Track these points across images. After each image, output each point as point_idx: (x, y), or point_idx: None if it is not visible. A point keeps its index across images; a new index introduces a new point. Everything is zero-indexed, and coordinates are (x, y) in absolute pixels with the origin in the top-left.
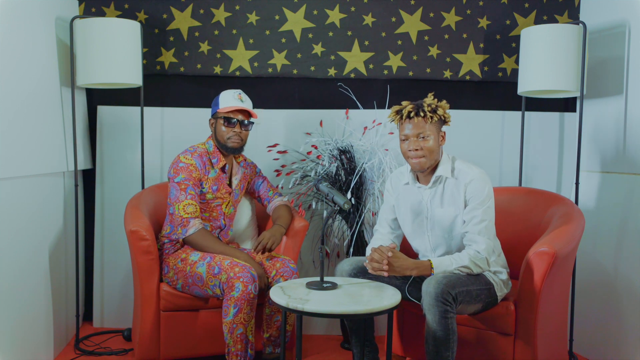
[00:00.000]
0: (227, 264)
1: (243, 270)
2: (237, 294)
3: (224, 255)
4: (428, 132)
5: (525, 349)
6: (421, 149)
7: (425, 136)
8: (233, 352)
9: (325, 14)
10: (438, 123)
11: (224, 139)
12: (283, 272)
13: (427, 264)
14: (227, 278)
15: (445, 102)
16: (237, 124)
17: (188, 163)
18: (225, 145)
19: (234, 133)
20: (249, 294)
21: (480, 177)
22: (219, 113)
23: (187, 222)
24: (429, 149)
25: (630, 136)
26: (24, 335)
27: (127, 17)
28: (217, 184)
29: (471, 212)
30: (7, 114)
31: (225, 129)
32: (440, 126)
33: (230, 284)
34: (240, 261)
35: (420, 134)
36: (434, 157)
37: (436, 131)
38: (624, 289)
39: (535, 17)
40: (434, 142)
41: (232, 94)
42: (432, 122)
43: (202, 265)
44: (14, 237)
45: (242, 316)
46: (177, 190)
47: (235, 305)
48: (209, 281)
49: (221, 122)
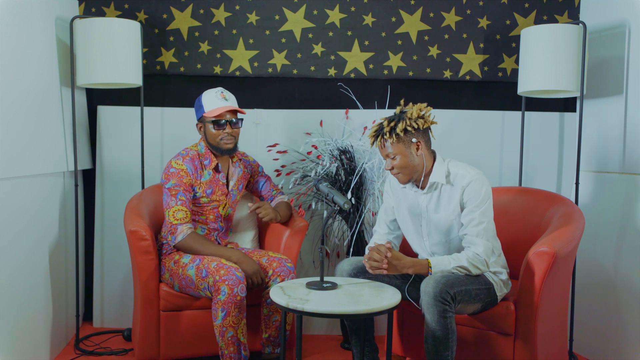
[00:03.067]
0: (214, 267)
1: (228, 273)
2: (223, 297)
3: (215, 256)
4: (394, 152)
5: (525, 349)
6: (392, 168)
7: (393, 156)
8: (226, 354)
9: (325, 14)
10: (406, 137)
11: (216, 142)
12: (280, 272)
13: (424, 262)
14: (213, 281)
15: (416, 109)
16: (227, 124)
17: (179, 168)
18: (219, 148)
19: (226, 134)
20: (236, 296)
21: (477, 178)
22: (205, 117)
23: (175, 229)
24: (400, 166)
25: (630, 136)
26: (24, 335)
27: (127, 17)
28: (211, 187)
29: (469, 215)
30: (7, 114)
31: (215, 131)
32: (409, 139)
33: (216, 288)
34: (226, 263)
35: (388, 155)
36: (413, 170)
37: (404, 147)
38: (624, 289)
39: (535, 17)
40: (404, 158)
41: (215, 94)
42: (394, 141)
43: (191, 267)
44: (13, 237)
45: (230, 319)
46: (168, 196)
47: (223, 309)
48: (199, 284)
49: (210, 125)
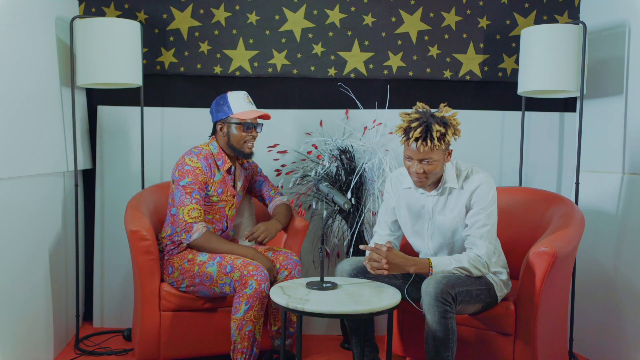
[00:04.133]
0: (240, 263)
1: (257, 269)
2: (250, 291)
3: (230, 253)
4: (434, 158)
5: (525, 349)
6: (423, 172)
7: (430, 162)
8: (239, 349)
9: (325, 14)
10: (446, 145)
11: (240, 144)
12: (287, 265)
13: (425, 262)
14: (240, 276)
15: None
16: (253, 128)
17: (194, 166)
18: (241, 151)
19: (252, 137)
20: (262, 292)
21: (486, 181)
22: (232, 118)
23: (190, 228)
24: (431, 171)
25: (630, 136)
26: (24, 335)
27: (127, 17)
28: (222, 186)
29: (474, 216)
30: (7, 114)
31: (242, 133)
32: (447, 147)
33: (243, 282)
34: (252, 260)
35: (425, 159)
36: (437, 176)
37: (442, 155)
38: (624, 289)
39: (535, 17)
40: (438, 165)
41: (242, 97)
42: (439, 148)
43: (212, 264)
44: (14, 237)
45: (252, 313)
46: (182, 194)
47: (247, 302)
48: (219, 279)
49: (236, 126)
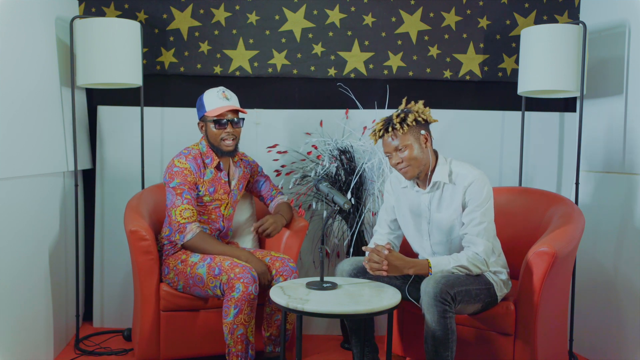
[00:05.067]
0: (228, 265)
1: (243, 271)
2: (237, 294)
3: (224, 255)
4: (404, 143)
5: (525, 349)
6: (402, 161)
7: (402, 148)
8: (233, 352)
9: (325, 14)
10: (415, 128)
11: (217, 141)
12: (282, 272)
13: (425, 263)
14: (227, 279)
15: (420, 104)
16: (228, 123)
17: (182, 167)
18: (219, 149)
19: (227, 133)
20: (250, 294)
21: (479, 178)
22: (207, 116)
23: (184, 228)
24: (410, 158)
25: (630, 136)
26: (24, 335)
27: (127, 17)
28: (213, 185)
29: (470, 214)
30: (7, 114)
31: (216, 130)
32: (418, 130)
33: (230, 285)
34: (240, 262)
35: (397, 147)
36: (421, 163)
37: (414, 138)
38: (624, 289)
39: (535, 17)
40: (414, 150)
41: (216, 93)
42: (405, 132)
43: (202, 266)
44: (13, 237)
45: (242, 317)
46: (173, 195)
47: (236, 306)
48: (209, 282)
49: (211, 124)
